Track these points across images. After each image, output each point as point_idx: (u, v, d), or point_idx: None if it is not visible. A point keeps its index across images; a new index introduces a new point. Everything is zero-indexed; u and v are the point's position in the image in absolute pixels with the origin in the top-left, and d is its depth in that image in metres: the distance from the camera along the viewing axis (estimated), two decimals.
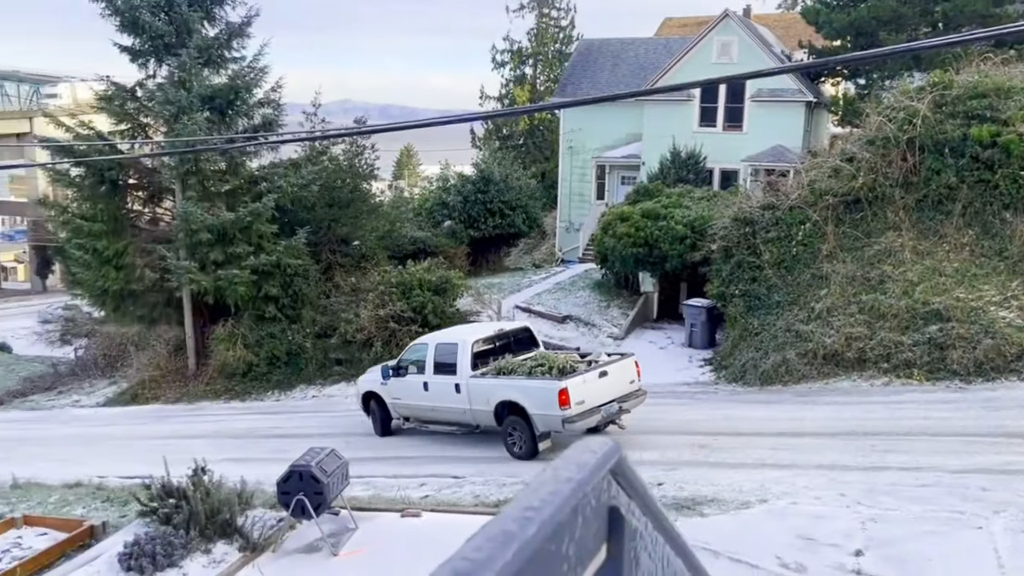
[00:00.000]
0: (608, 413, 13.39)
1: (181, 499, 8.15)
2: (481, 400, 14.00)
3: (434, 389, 14.85)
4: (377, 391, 16.29)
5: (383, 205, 30.00)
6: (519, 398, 13.38)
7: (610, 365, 13.88)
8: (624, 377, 13.94)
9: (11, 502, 9.71)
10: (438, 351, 15.00)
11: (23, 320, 56.32)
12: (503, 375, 14.02)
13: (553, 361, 13.97)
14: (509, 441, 13.73)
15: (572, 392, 12.85)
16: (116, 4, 22.47)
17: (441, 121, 12.87)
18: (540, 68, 49.72)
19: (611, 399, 13.47)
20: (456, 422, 15.13)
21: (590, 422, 13.10)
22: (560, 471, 0.98)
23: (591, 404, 13.14)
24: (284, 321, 23.41)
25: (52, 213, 26.77)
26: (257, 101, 24.60)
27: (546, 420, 13.09)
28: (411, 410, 15.83)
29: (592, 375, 13.43)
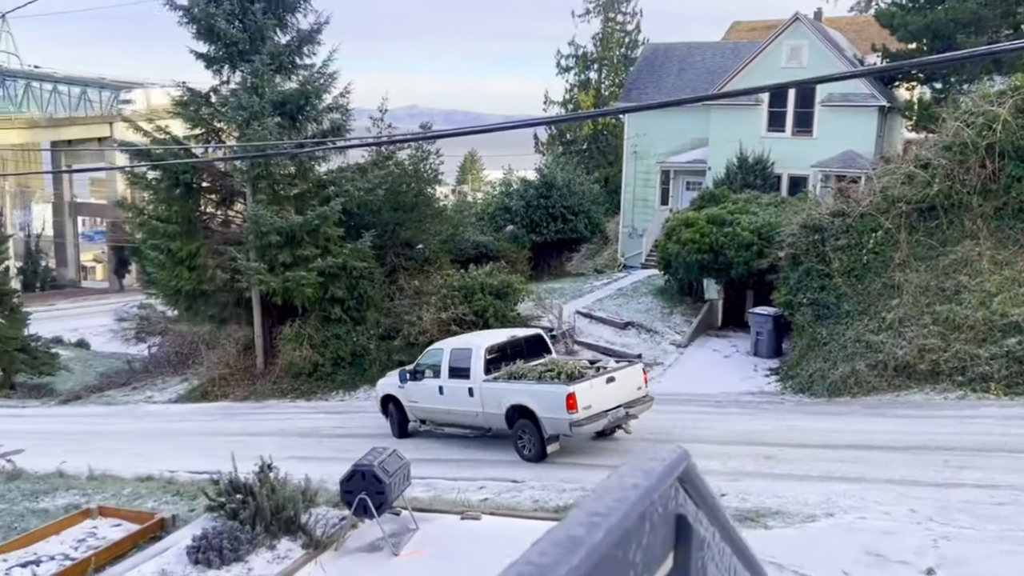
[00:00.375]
0: (615, 418, 13.76)
1: (248, 495, 8.34)
2: (493, 404, 14.39)
3: (449, 393, 15.26)
4: (395, 394, 16.69)
5: (447, 209, 30.24)
6: (529, 402, 13.77)
7: (617, 372, 14.23)
8: (631, 383, 14.27)
9: (87, 493, 10.07)
10: (453, 356, 15.44)
11: (101, 318, 58.57)
12: (514, 380, 14.37)
13: (562, 367, 14.31)
14: (519, 444, 14.10)
15: (579, 397, 13.21)
16: (193, 12, 23.16)
17: (505, 126, 12.90)
18: (605, 73, 49.52)
19: (618, 404, 13.79)
20: (469, 425, 15.41)
21: (597, 426, 13.54)
22: (627, 477, 0.97)
23: (598, 409, 13.45)
24: (349, 322, 23.77)
25: (129, 215, 27.77)
26: (326, 106, 25.08)
27: (554, 423, 13.48)
28: (427, 413, 16.16)
29: (599, 381, 13.76)
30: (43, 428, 23.64)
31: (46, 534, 8.27)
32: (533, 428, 13.85)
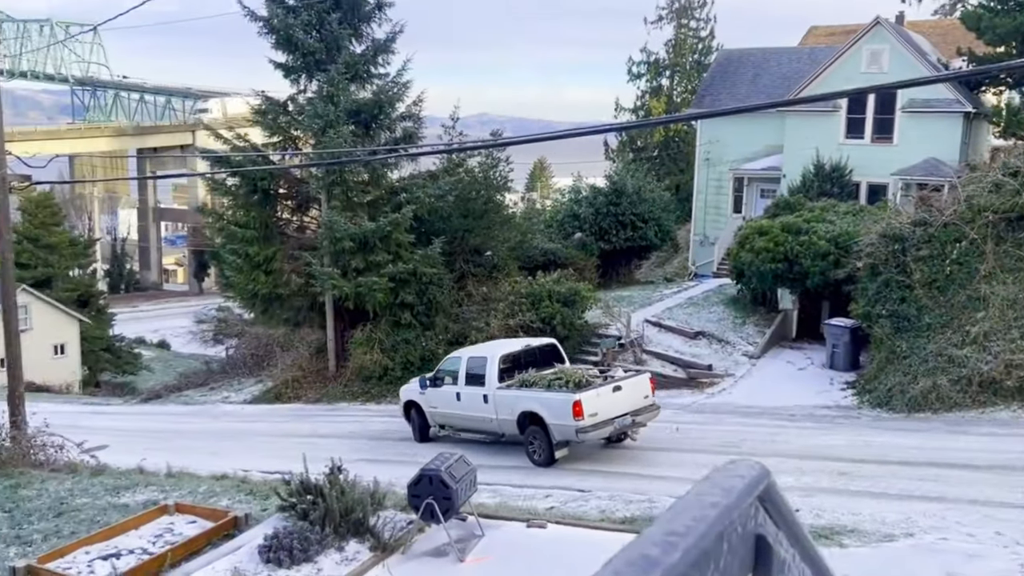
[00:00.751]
0: (621, 425, 14.23)
1: (318, 496, 8.47)
2: (506, 410, 14.97)
3: (465, 399, 15.85)
4: (417, 400, 17.29)
5: (515, 216, 30.33)
6: (538, 409, 14.30)
7: (624, 380, 14.75)
8: (638, 392, 14.70)
9: (165, 490, 10.39)
10: (469, 364, 16.06)
11: (181, 320, 60.64)
12: (525, 387, 14.88)
13: (571, 375, 14.77)
14: (530, 449, 14.66)
15: (586, 404, 13.71)
16: (273, 23, 23.82)
17: (574, 133, 12.87)
18: (677, 79, 49.01)
19: (624, 412, 14.23)
20: (484, 430, 16.01)
21: (602, 433, 14.06)
22: (705, 495, 0.93)
23: (604, 416, 13.92)
24: (418, 327, 24.03)
25: (209, 220, 28.67)
26: (399, 115, 25.45)
27: (562, 430, 13.99)
28: (445, 418, 16.81)
29: (606, 389, 14.25)
30: (125, 425, 24.54)
31: (126, 528, 8.56)
32: (542, 434, 14.38)
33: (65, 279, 50.16)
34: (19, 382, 16.18)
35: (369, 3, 24.65)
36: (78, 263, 54.00)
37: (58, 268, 49.93)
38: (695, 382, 20.43)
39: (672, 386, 20.37)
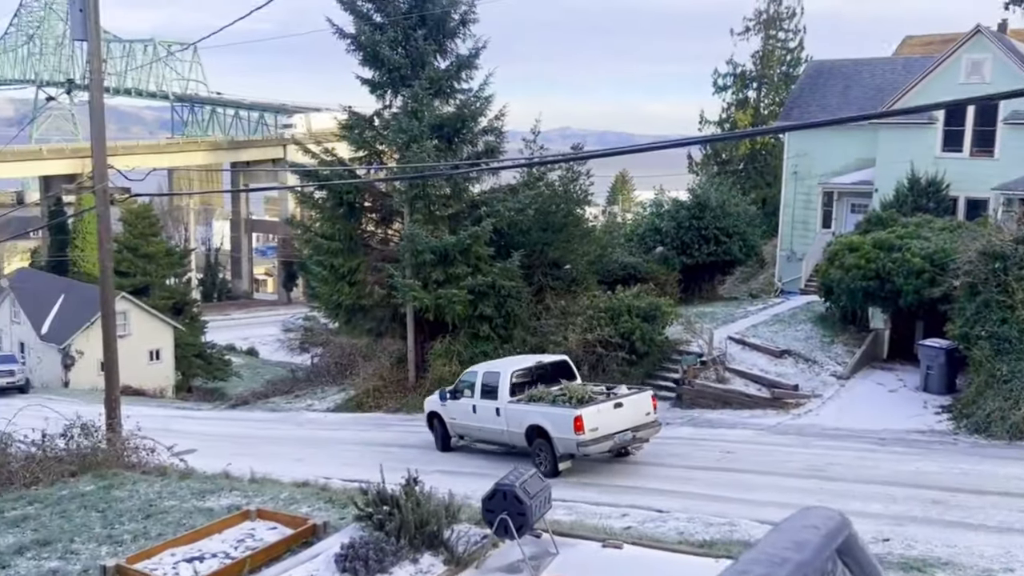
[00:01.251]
0: (622, 440, 14.95)
1: (394, 507, 8.51)
2: (516, 423, 15.79)
3: (480, 411, 16.75)
4: (438, 411, 18.11)
5: (595, 230, 30.17)
6: (544, 422, 15.13)
7: (626, 398, 15.41)
8: (640, 409, 15.37)
9: (248, 495, 10.64)
10: (485, 378, 16.85)
11: (269, 328, 62.47)
12: (533, 402, 15.68)
13: (574, 391, 15.47)
14: (536, 461, 14.97)
15: (586, 419, 14.48)
16: (360, 40, 24.40)
17: (657, 146, 12.71)
18: (764, 91, 48.04)
19: (625, 428, 14.94)
20: (497, 442, 16.88)
21: (603, 447, 14.73)
22: (778, 547, 0.86)
23: (605, 432, 14.66)
24: (497, 340, 24.10)
25: (298, 232, 29.52)
26: (481, 129, 25.70)
27: (565, 443, 14.74)
28: (463, 429, 17.63)
29: (607, 405, 14.99)
30: (214, 430, 25.37)
31: (210, 532, 8.79)
32: (547, 447, 15.11)
33: (161, 287, 52.35)
34: (116, 386, 16.90)
35: (454, 19, 25.00)
36: (174, 272, 56.29)
37: (155, 277, 52.17)
38: (780, 402, 19.84)
39: (756, 406, 19.84)
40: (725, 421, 19.09)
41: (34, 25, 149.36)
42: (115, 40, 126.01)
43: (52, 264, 71.74)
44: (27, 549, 8.79)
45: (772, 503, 12.17)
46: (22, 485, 11.44)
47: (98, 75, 16.19)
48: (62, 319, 45.69)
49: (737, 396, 20.31)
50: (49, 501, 10.62)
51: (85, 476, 11.78)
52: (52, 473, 11.81)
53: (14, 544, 8.97)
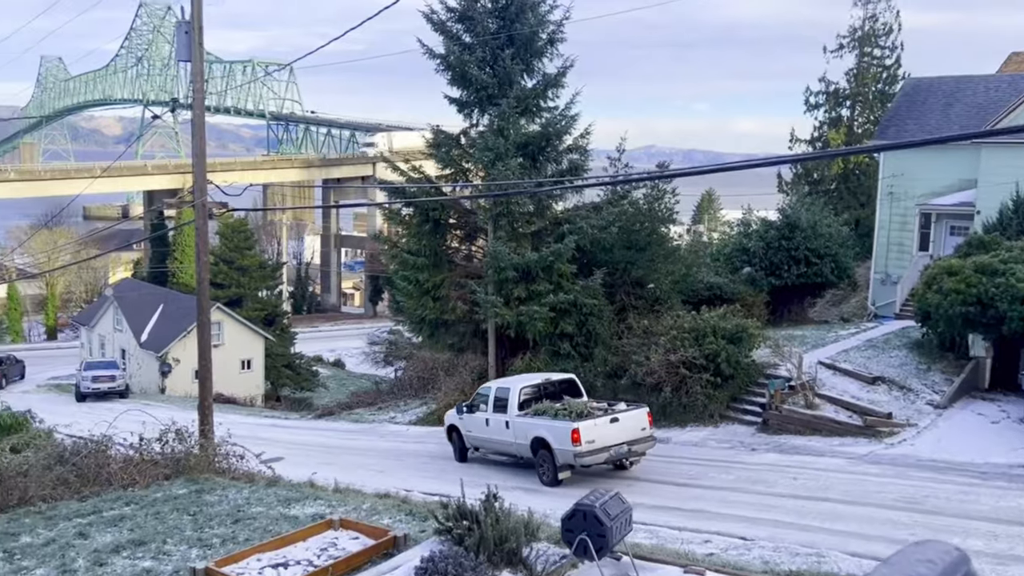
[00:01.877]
0: (617, 453, 16.22)
1: (473, 522, 8.54)
2: (522, 435, 17.09)
3: (492, 424, 18.04)
4: (456, 424, 19.42)
5: (680, 249, 29.75)
6: (546, 435, 16.41)
7: (622, 413, 16.63)
8: (635, 424, 16.57)
9: (332, 504, 10.85)
10: (497, 393, 18.16)
11: (355, 341, 63.76)
12: (537, 416, 16.95)
13: (574, 407, 16.74)
14: (540, 471, 16.67)
15: (583, 432, 15.74)
16: (449, 60, 24.81)
17: (745, 164, 12.47)
18: (858, 110, 46.64)
19: (621, 442, 16.18)
20: (507, 453, 18.15)
21: (599, 459, 15.99)
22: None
23: (601, 444, 15.89)
24: (577, 358, 23.97)
25: (385, 247, 30.08)
26: (566, 147, 25.73)
27: (564, 454, 15.99)
28: (478, 441, 18.91)
29: (603, 420, 16.20)
30: (300, 439, 26.00)
31: (295, 539, 8.99)
32: (549, 457, 16.37)
33: (254, 299, 54.11)
34: (209, 393, 17.53)
35: (541, 39, 25.16)
36: (266, 285, 58.12)
37: (248, 289, 53.98)
38: (872, 431, 19.08)
39: (846, 434, 19.14)
40: (813, 448, 18.48)
41: (143, 47, 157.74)
42: (217, 61, 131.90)
43: (153, 275, 75.16)
44: (123, 548, 9.17)
45: (862, 535, 11.71)
46: (120, 486, 11.96)
47: (200, 94, 16.95)
48: (161, 328, 47.71)
49: (827, 423, 19.65)
50: (144, 502, 11.07)
51: (178, 480, 12.24)
52: (148, 476, 12.32)
53: (111, 543, 9.37)
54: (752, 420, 21.07)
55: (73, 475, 12.20)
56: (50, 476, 12.01)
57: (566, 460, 16.04)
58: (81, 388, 41.41)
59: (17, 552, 9.28)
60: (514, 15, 24.58)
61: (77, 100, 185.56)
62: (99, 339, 53.33)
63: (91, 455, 12.76)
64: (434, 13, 24.89)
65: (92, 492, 11.72)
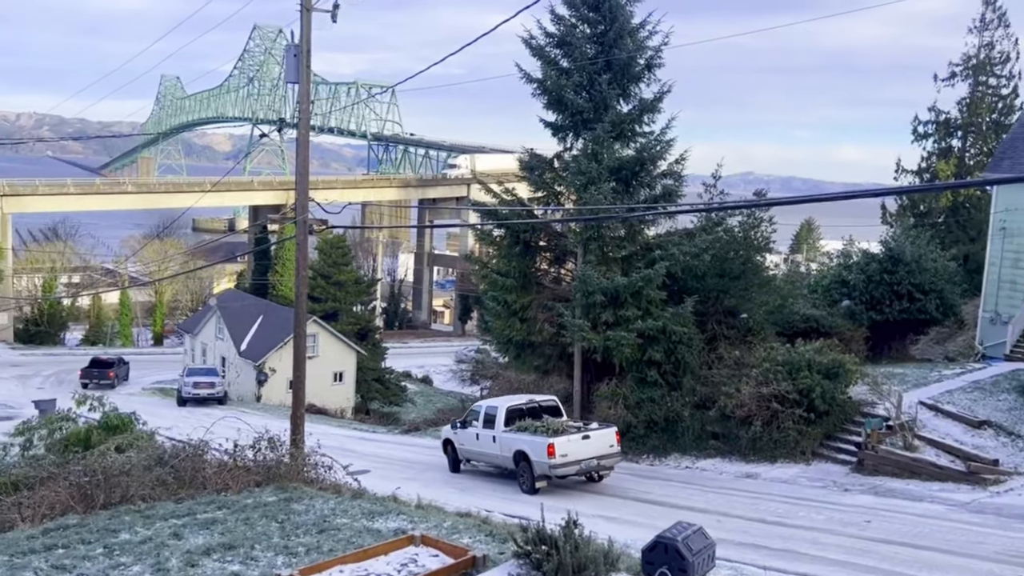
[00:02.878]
0: (588, 467, 18.60)
1: (552, 548, 8.49)
2: (507, 448, 19.24)
3: (482, 438, 20.30)
4: (451, 438, 21.68)
5: (775, 279, 29.02)
6: (526, 448, 18.61)
7: (593, 432, 18.93)
8: (605, 442, 18.86)
9: (413, 520, 10.97)
10: (487, 410, 20.43)
11: (443, 358, 64.57)
12: (520, 432, 19.09)
13: (552, 425, 19.10)
14: (520, 480, 18.87)
15: (558, 447, 18.06)
16: (546, 85, 25.04)
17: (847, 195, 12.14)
18: (971, 140, 44.63)
19: (591, 456, 18.51)
20: (493, 464, 20.28)
21: (570, 471, 18.33)
22: None
23: (573, 458, 18.21)
24: (664, 387, 23.62)
25: (475, 267, 30.47)
26: (660, 172, 25.54)
27: (540, 466, 18.21)
28: (469, 453, 21.10)
29: (576, 437, 18.55)
30: (386, 453, 26.43)
31: (377, 553, 9.13)
32: (528, 468, 18.51)
33: (348, 313, 55.48)
34: (301, 403, 18.05)
35: (639, 64, 25.14)
36: (361, 300, 59.56)
37: (344, 303, 55.40)
38: (976, 477, 18.07)
39: (947, 479, 18.19)
40: (911, 492, 17.64)
41: (254, 68, 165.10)
42: (322, 83, 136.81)
43: (255, 287, 78.06)
44: (214, 551, 9.51)
45: None
46: (214, 490, 12.41)
47: (306, 115, 17.62)
48: (259, 338, 49.43)
49: (926, 466, 18.74)
50: (235, 507, 11.45)
51: (268, 487, 12.61)
52: (240, 481, 12.73)
53: (203, 545, 9.73)
54: (846, 459, 20.29)
55: (171, 477, 12.72)
56: (150, 477, 12.56)
57: (542, 471, 18.21)
58: (182, 393, 43.27)
59: (116, 548, 9.73)
60: (612, 40, 24.66)
61: (192, 117, 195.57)
62: (201, 346, 55.65)
63: (189, 459, 13.28)
64: (533, 39, 25.21)
65: (188, 494, 12.20)
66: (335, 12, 16.92)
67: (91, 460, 13.39)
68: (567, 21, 25.16)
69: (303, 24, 17.02)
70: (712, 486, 19.31)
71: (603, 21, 24.80)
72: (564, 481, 19.28)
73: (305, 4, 16.92)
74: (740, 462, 21.32)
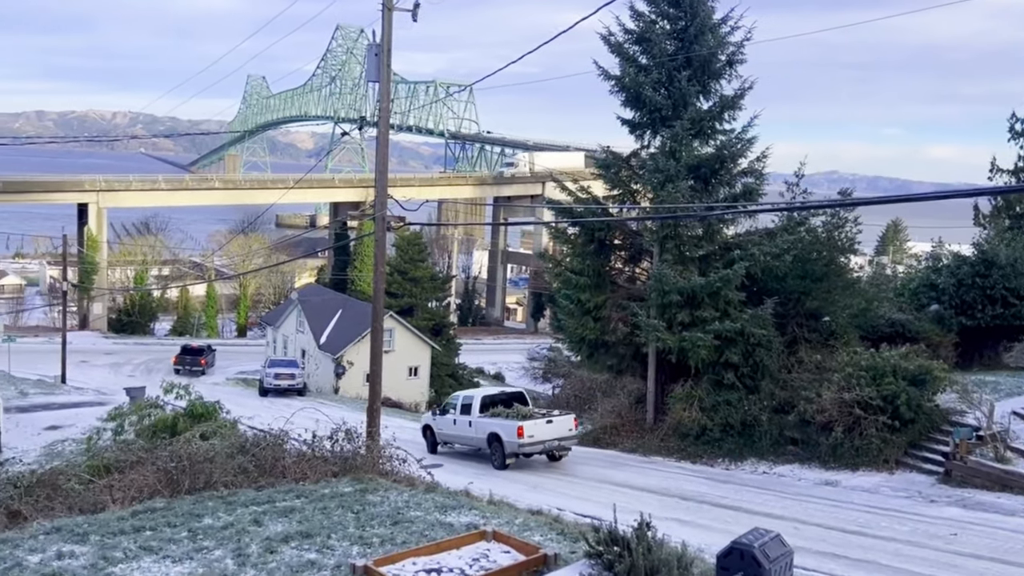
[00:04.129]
0: (550, 447, 21.75)
1: (624, 549, 8.41)
2: (482, 431, 22.26)
3: (459, 423, 23.43)
4: (430, 424, 24.91)
5: (860, 281, 28.14)
6: (499, 430, 21.55)
7: (555, 417, 22.23)
8: (564, 426, 22.07)
9: (485, 516, 11.02)
10: (463, 400, 23.78)
11: (516, 355, 64.76)
12: (493, 417, 22.13)
13: (520, 411, 22.24)
14: (492, 458, 21.74)
15: (526, 429, 21.23)
16: (624, 82, 24.83)
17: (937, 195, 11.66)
18: None
19: (552, 438, 21.70)
20: (469, 444, 23.25)
21: (536, 449, 21.47)
22: None
23: (538, 439, 21.40)
24: (741, 390, 23.16)
25: (549, 265, 30.47)
26: (740, 170, 25.05)
27: (511, 445, 21.20)
28: (447, 436, 24.23)
29: (541, 421, 21.77)
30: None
31: (449, 547, 9.21)
32: (500, 448, 21.46)
33: (424, 309, 56.22)
34: (378, 396, 18.37)
35: (720, 60, 24.69)
36: (436, 296, 60.29)
37: (419, 299, 56.17)
38: None
39: None
40: (1003, 506, 16.84)
41: (337, 68, 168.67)
42: (402, 81, 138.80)
43: (334, 282, 79.77)
44: (292, 538, 9.74)
45: None
46: (293, 479, 12.71)
47: (386, 113, 17.90)
48: (338, 332, 50.49)
49: (1020, 479, 17.88)
50: (313, 497, 11.71)
51: (345, 478, 12.86)
52: (318, 471, 13.01)
53: (282, 532, 9.98)
54: (932, 470, 19.52)
55: (252, 465, 13.08)
56: (232, 464, 12.94)
57: (512, 449, 21.17)
58: (264, 384, 44.54)
59: (200, 533, 10.07)
60: (693, 37, 24.29)
61: (276, 116, 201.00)
62: (283, 339, 57.17)
63: (269, 448, 13.64)
64: (611, 35, 25.03)
65: (267, 483, 12.52)
66: (415, 11, 17.13)
67: (177, 446, 13.89)
68: (646, 17, 24.91)
69: (384, 23, 17.29)
70: (790, 492, 18.83)
71: (684, 17, 24.46)
72: (631, 485, 19.13)
73: (386, 3, 17.17)
74: (819, 469, 20.74)
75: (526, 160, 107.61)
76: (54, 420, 35.33)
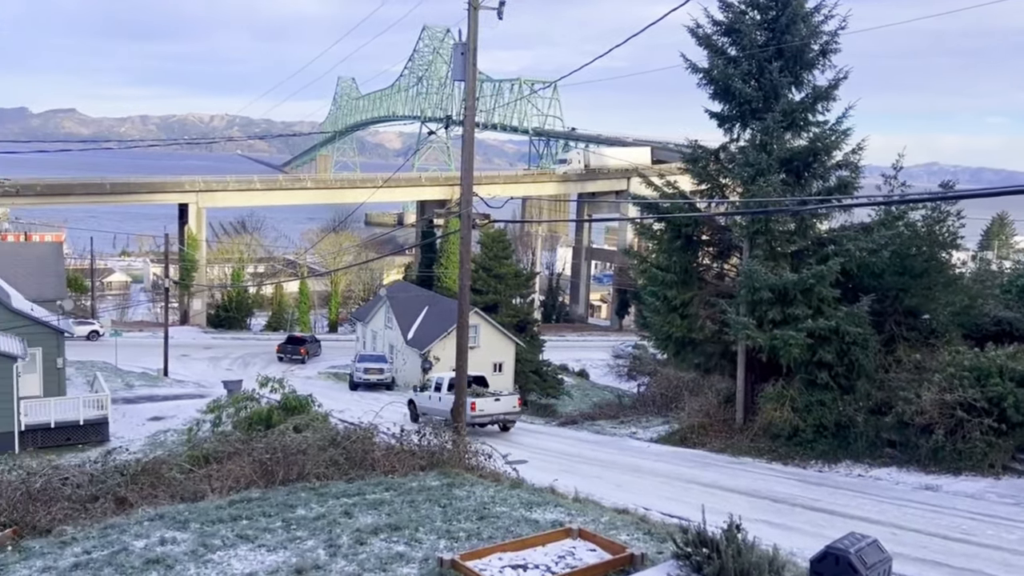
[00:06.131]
0: (497, 419, 28.39)
1: (713, 551, 8.25)
2: (447, 405, 25.74)
3: (432, 399, 30.09)
4: (413, 399, 31.76)
5: (963, 278, 26.82)
6: None
7: (503, 396, 28.96)
8: (509, 404, 28.84)
9: (571, 513, 10.99)
10: (437, 381, 30.43)
11: (600, 352, 64.50)
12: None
13: (476, 391, 27.78)
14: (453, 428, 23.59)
15: (477, 405, 27.25)
16: (712, 74, 24.33)
17: None
18: None
19: (499, 412, 28.39)
20: (439, 415, 26.73)
21: (484, 421, 27.70)
22: None
23: (488, 413, 27.94)
24: (836, 390, 22.42)
25: (634, 262, 30.13)
26: (835, 163, 24.24)
27: (467, 416, 22.26)
28: (425, 409, 30.18)
29: (490, 399, 28.35)
30: (543, 444, 26.68)
31: (534, 543, 9.22)
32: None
33: (508, 306, 56.48)
34: (463, 391, 18.56)
35: (812, 50, 23.93)
36: (520, 293, 60.49)
37: (503, 296, 56.46)
38: None
39: None
40: None
41: (423, 68, 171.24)
42: (487, 80, 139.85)
43: (421, 278, 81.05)
44: (381, 530, 9.93)
45: None
46: (382, 472, 12.98)
47: (471, 112, 18.04)
48: (425, 327, 51.29)
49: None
50: (401, 490, 11.92)
51: (432, 472, 13.04)
52: (406, 465, 13.24)
53: (371, 524, 10.19)
54: None
55: (343, 458, 13.41)
56: (324, 456, 13.29)
57: (468, 420, 23.32)
58: (354, 378, 45.66)
59: (293, 523, 10.38)
60: (784, 26, 23.62)
61: (365, 116, 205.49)
62: (372, 334, 58.42)
63: (359, 441, 13.96)
64: (699, 27, 24.56)
65: (358, 475, 12.81)
66: (501, 8, 17.20)
67: (272, 438, 14.36)
68: (736, 8, 24.34)
69: (470, 22, 17.41)
70: (887, 497, 18.12)
71: (774, 6, 23.81)
72: (720, 485, 18.80)
73: (472, 2, 17.30)
74: (919, 473, 19.90)
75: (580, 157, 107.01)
76: (157, 411, 37.06)
